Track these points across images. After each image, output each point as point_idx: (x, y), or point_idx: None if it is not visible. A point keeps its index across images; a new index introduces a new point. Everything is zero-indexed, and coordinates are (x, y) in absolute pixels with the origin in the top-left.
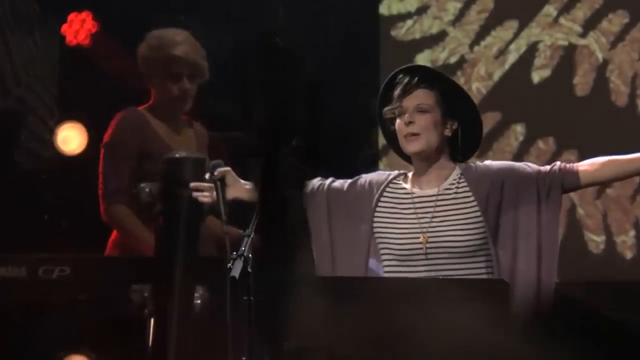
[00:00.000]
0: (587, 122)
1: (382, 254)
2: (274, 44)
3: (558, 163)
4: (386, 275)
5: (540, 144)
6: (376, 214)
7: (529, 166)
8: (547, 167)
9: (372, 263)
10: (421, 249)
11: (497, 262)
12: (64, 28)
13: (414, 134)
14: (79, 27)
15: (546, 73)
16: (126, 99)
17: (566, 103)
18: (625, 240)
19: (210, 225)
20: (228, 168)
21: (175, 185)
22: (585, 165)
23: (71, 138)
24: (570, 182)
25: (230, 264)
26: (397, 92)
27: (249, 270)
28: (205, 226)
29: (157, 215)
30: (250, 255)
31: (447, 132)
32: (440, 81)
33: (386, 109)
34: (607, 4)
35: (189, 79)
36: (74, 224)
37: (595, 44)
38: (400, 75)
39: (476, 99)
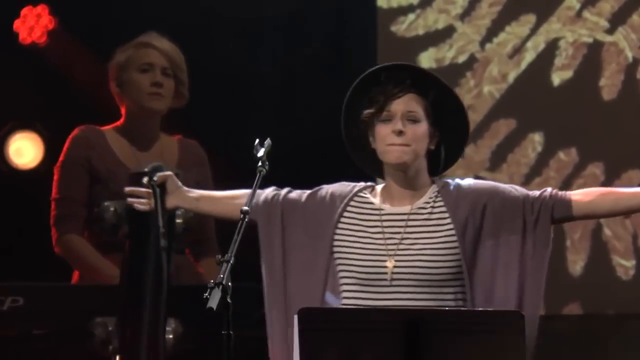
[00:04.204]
0: (615, 130)
1: (342, 277)
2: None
3: (549, 189)
4: (345, 301)
5: (561, 155)
6: (337, 231)
7: (515, 189)
8: (537, 193)
9: (328, 296)
10: (386, 273)
11: (471, 295)
12: (17, 24)
13: (403, 145)
14: (33, 23)
15: (568, 74)
16: (87, 104)
17: (591, 108)
18: None
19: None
20: (169, 172)
21: None
22: (580, 195)
23: (25, 150)
24: (561, 212)
25: (207, 294)
26: (382, 93)
27: (229, 300)
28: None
29: (124, 238)
30: (229, 284)
31: (431, 145)
32: (435, 88)
33: (368, 111)
34: None
35: (162, 73)
36: (27, 247)
37: (624, 41)
38: (385, 73)
39: (488, 104)
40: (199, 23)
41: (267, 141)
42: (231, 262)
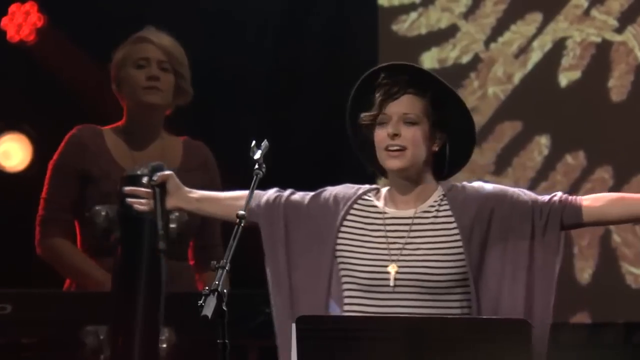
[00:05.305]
0: (624, 133)
1: (344, 282)
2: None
3: (559, 194)
4: (347, 307)
5: (569, 158)
6: (340, 234)
7: (524, 193)
8: (546, 197)
9: (332, 306)
10: (388, 279)
11: (477, 303)
12: (5, 22)
13: (399, 149)
14: (22, 21)
15: (576, 75)
16: (77, 104)
17: (599, 110)
18: None
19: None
20: (170, 172)
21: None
22: (590, 200)
23: (13, 152)
24: (570, 218)
25: (201, 301)
26: (379, 95)
27: (224, 308)
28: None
29: (115, 242)
30: (225, 291)
31: (435, 147)
32: (433, 87)
33: (365, 114)
34: None
35: (159, 67)
36: (16, 252)
37: (633, 41)
38: (383, 75)
39: (493, 105)
40: (197, 22)
41: (264, 143)
42: (227, 268)
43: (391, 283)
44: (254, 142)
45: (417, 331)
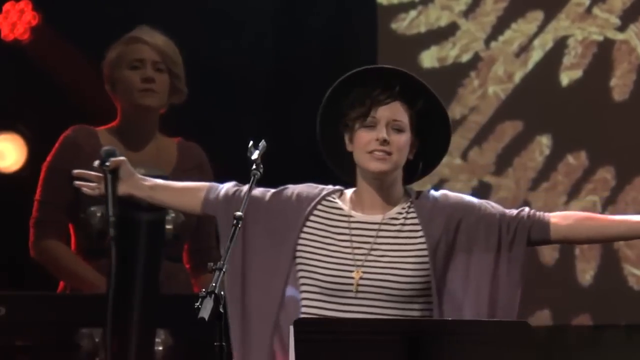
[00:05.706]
0: (627, 133)
1: (304, 284)
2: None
3: (527, 209)
4: (305, 309)
5: (570, 159)
6: (302, 235)
7: (492, 206)
8: (514, 212)
9: (291, 290)
10: (352, 284)
11: (439, 312)
12: None
13: (386, 154)
14: (16, 19)
15: (577, 74)
16: (72, 104)
17: (601, 110)
18: None
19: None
20: (123, 158)
21: (132, 208)
22: (559, 218)
23: (7, 152)
24: (538, 234)
25: (198, 303)
26: (369, 97)
27: (221, 310)
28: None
29: (111, 243)
30: (222, 293)
31: (410, 156)
32: (424, 99)
33: (351, 113)
34: None
35: (154, 68)
36: (10, 255)
37: (636, 39)
38: (373, 77)
39: (493, 105)
40: (196, 22)
41: (262, 143)
42: (224, 270)
43: (354, 288)
44: (251, 143)
45: (415, 333)
